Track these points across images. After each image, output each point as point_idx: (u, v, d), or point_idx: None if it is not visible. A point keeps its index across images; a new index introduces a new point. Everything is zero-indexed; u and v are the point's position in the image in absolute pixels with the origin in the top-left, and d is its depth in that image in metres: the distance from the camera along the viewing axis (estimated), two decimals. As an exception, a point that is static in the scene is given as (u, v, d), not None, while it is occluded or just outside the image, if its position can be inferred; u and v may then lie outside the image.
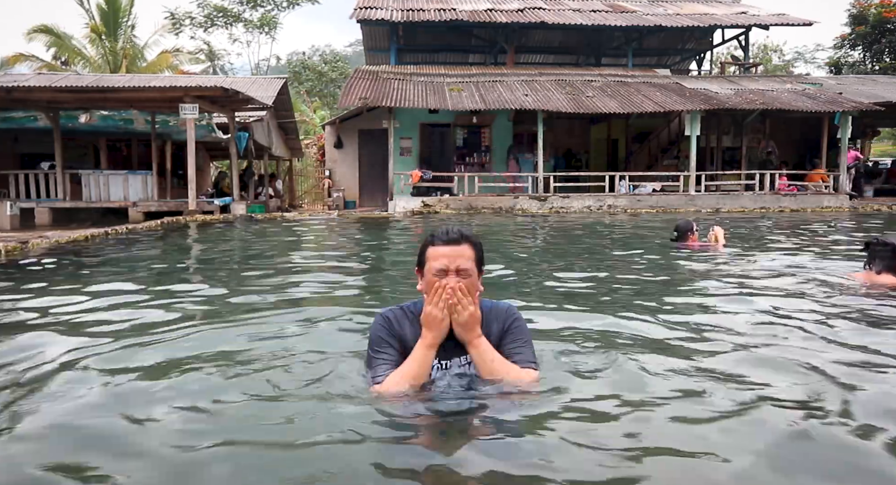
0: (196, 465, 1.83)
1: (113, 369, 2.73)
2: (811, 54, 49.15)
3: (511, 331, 2.34)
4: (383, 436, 1.97)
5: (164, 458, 1.86)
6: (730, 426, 2.06)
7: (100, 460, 1.85)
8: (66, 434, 2.05)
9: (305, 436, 1.95)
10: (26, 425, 2.11)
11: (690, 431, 2.05)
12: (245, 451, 1.90)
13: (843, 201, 17.46)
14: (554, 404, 2.19)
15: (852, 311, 3.91)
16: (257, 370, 2.67)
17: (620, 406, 2.22)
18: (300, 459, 1.84)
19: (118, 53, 27.22)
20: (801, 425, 2.06)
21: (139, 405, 2.27)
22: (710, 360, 2.85)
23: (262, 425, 2.09)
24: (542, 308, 4.17)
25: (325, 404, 2.24)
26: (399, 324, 2.34)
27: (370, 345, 2.34)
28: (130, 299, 4.60)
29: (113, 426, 2.09)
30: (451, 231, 2.26)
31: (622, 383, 2.48)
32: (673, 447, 1.92)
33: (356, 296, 5.01)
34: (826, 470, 1.80)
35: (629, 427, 2.05)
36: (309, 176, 29.18)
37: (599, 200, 17.34)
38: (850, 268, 5.51)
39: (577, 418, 2.10)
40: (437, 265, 2.24)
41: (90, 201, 15.22)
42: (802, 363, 2.73)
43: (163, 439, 1.98)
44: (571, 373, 2.58)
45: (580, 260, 7.31)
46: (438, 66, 21.68)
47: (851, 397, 2.33)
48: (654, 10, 22.82)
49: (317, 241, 10.79)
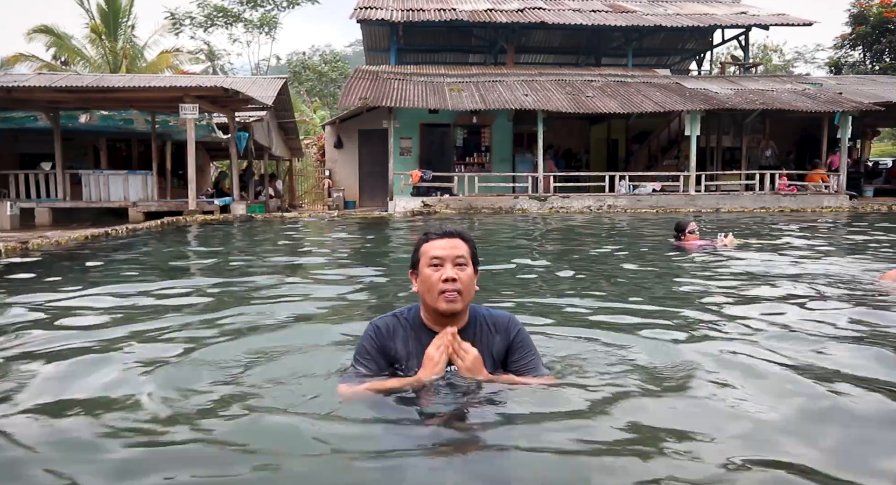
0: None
1: (113, 368, 2.74)
2: (811, 54, 49.09)
3: (517, 347, 2.32)
4: (367, 447, 1.93)
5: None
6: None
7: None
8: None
9: (292, 444, 1.93)
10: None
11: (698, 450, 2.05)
12: (222, 460, 1.87)
13: (842, 201, 17.46)
14: (551, 409, 2.17)
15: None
16: (248, 373, 2.67)
17: (620, 411, 2.22)
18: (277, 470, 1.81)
19: (118, 53, 27.20)
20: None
21: (134, 405, 2.27)
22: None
23: (239, 431, 2.05)
24: (540, 308, 4.17)
25: (306, 413, 2.17)
26: (391, 334, 2.29)
27: (355, 353, 2.33)
28: (130, 298, 4.60)
29: (94, 429, 2.09)
30: (445, 227, 2.29)
31: (621, 390, 2.48)
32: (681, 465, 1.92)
33: (356, 296, 5.00)
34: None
35: (629, 428, 2.05)
36: (309, 176, 29.17)
37: (599, 200, 17.34)
38: (863, 268, 5.51)
39: (573, 425, 2.06)
40: (434, 253, 2.22)
41: (90, 201, 15.21)
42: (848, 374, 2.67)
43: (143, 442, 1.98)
44: (572, 377, 2.58)
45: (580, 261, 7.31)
46: (438, 66, 21.68)
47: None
48: (654, 10, 22.81)
49: (316, 241, 10.79)
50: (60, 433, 2.06)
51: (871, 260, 6.61)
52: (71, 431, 2.08)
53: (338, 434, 1.98)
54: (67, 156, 15.96)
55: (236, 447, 1.94)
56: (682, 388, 2.44)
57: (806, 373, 2.64)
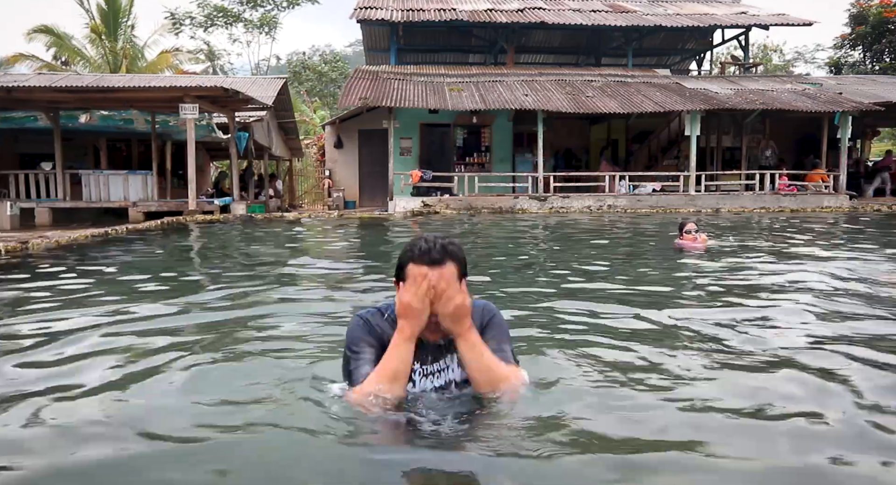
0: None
1: (113, 368, 2.74)
2: (811, 54, 49.01)
3: (490, 327, 2.21)
4: (357, 455, 1.90)
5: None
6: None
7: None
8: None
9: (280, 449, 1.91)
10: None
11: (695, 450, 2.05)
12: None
13: (842, 201, 17.46)
14: (545, 413, 2.12)
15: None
16: (239, 372, 2.67)
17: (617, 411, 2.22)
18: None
19: (118, 53, 27.20)
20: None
21: (132, 403, 2.27)
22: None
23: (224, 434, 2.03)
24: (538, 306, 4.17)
25: (294, 415, 2.15)
26: (378, 325, 2.20)
27: (347, 346, 2.19)
28: (128, 299, 4.59)
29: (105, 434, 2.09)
30: (434, 249, 2.05)
31: (615, 389, 2.48)
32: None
33: (355, 296, 5.00)
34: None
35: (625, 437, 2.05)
36: (309, 176, 29.17)
37: (599, 200, 17.33)
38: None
39: (568, 430, 2.01)
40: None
41: (90, 201, 15.21)
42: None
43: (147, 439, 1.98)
44: (565, 383, 2.58)
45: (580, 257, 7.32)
46: (438, 66, 21.67)
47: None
48: (654, 10, 22.81)
49: (316, 241, 10.79)
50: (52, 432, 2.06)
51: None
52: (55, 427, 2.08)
53: (331, 440, 1.98)
54: (67, 156, 15.96)
55: (236, 450, 1.94)
56: (680, 388, 2.44)
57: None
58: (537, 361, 2.70)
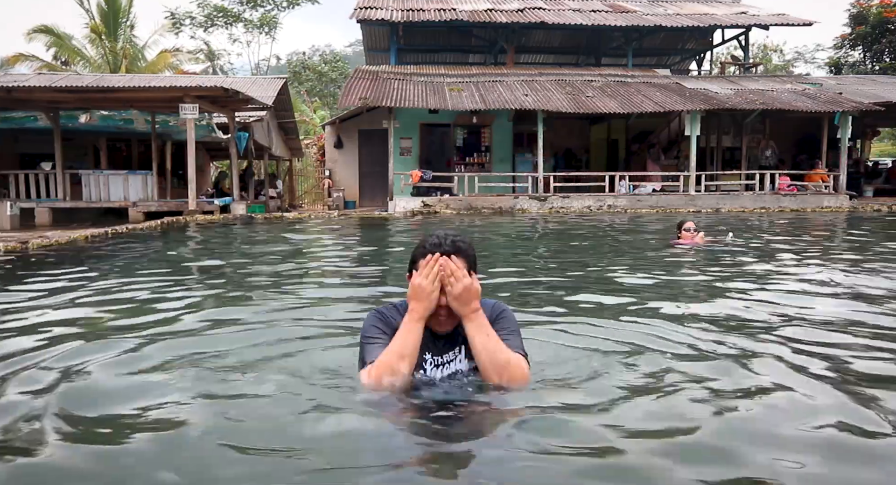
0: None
1: (117, 368, 2.74)
2: (811, 54, 49.04)
3: (499, 320, 2.27)
4: (369, 444, 1.92)
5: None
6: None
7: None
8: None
9: (292, 441, 1.93)
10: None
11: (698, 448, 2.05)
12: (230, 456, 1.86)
13: (842, 201, 17.47)
14: (549, 410, 2.15)
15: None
16: (242, 371, 2.67)
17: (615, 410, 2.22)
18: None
19: (118, 53, 27.20)
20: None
21: (135, 403, 2.28)
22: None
23: (242, 429, 2.05)
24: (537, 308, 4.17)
25: (315, 408, 2.18)
26: (392, 317, 2.27)
27: (363, 336, 2.26)
28: (128, 299, 4.60)
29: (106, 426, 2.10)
30: (445, 243, 2.16)
31: (612, 389, 2.48)
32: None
33: (355, 296, 5.00)
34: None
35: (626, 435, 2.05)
36: (309, 176, 29.18)
37: (599, 200, 17.34)
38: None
39: (572, 423, 2.05)
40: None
41: (90, 201, 15.22)
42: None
43: (154, 438, 1.98)
44: (564, 377, 2.58)
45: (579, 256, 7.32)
46: (438, 66, 21.68)
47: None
48: (654, 10, 22.81)
49: (316, 241, 10.79)
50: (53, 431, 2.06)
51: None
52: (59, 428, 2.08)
53: (338, 436, 1.98)
54: (67, 156, 15.97)
55: (237, 448, 1.94)
56: (677, 389, 2.44)
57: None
58: (537, 359, 2.70)
